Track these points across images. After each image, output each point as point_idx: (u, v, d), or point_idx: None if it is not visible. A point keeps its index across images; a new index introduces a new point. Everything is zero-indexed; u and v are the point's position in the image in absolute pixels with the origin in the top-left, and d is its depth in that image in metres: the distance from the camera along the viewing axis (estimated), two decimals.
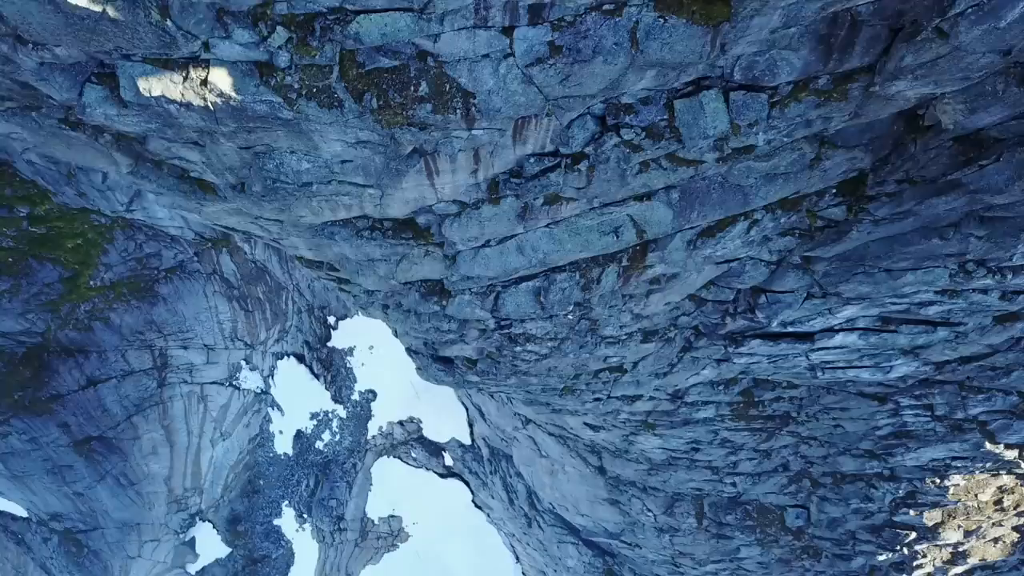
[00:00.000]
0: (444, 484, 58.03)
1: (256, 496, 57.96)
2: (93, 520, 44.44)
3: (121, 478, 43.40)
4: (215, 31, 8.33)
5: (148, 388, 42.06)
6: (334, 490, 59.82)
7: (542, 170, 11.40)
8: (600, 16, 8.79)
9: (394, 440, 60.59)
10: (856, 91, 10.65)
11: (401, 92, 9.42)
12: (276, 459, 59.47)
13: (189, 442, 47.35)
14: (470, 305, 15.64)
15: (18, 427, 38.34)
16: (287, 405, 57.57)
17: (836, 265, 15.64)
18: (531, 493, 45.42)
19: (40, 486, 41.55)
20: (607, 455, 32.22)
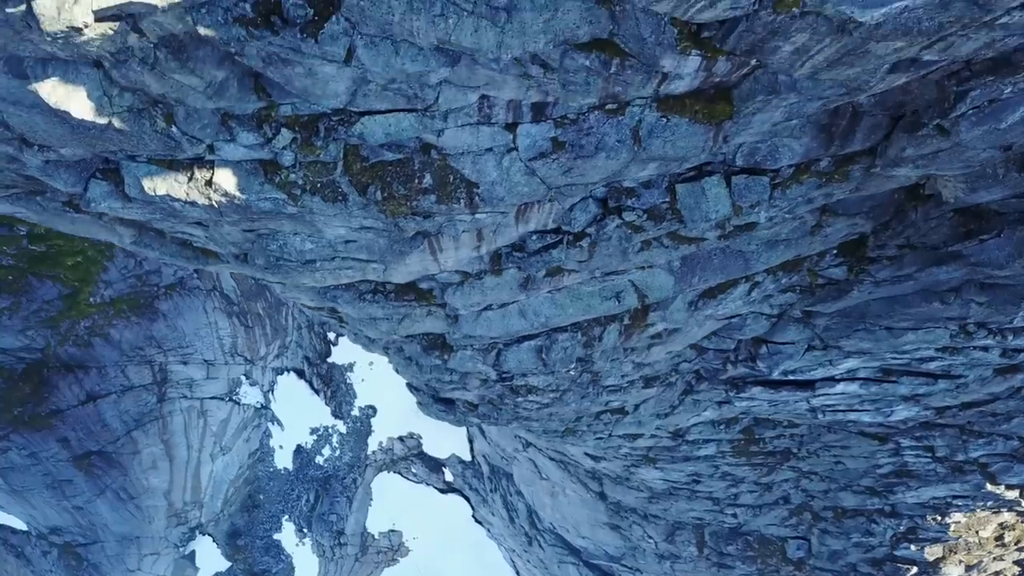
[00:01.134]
0: (444, 499, 57.94)
1: (256, 510, 57.88)
2: (93, 534, 44.36)
3: (121, 492, 43.33)
4: (220, 134, 8.37)
5: (148, 403, 42.02)
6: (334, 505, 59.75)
7: (544, 246, 11.45)
8: (603, 115, 8.84)
9: (394, 455, 60.53)
10: (857, 172, 10.71)
11: (405, 184, 9.47)
12: (276, 474, 59.40)
13: (189, 456, 47.25)
14: (472, 360, 15.67)
15: (18, 442, 38.31)
16: (287, 420, 57.47)
17: (837, 320, 15.68)
18: (532, 512, 45.35)
19: (40, 500, 41.50)
20: (608, 481, 32.20)
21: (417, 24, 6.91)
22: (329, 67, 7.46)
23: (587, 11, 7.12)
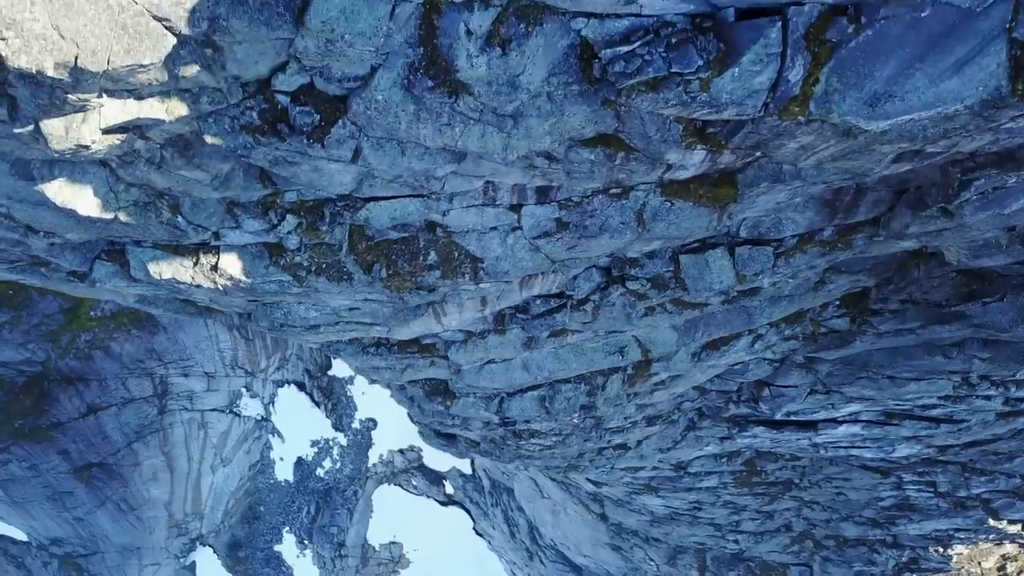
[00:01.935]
0: (445, 511, 57.80)
1: (257, 522, 57.78)
2: (93, 544, 44.27)
3: (121, 503, 43.25)
4: (225, 222, 8.38)
5: (148, 415, 41.92)
6: (335, 517, 59.63)
7: (548, 310, 11.47)
8: (607, 198, 8.85)
9: (395, 468, 60.41)
10: (860, 241, 10.72)
11: (410, 261, 9.48)
12: (277, 486, 59.29)
13: (189, 468, 47.14)
14: (475, 407, 15.67)
15: (18, 454, 38.24)
16: (288, 432, 57.34)
17: (839, 367, 15.69)
18: (533, 528, 45.24)
19: (40, 512, 41.43)
20: (609, 504, 32.15)
21: (424, 131, 6.92)
22: (335, 165, 7.48)
23: (592, 113, 7.14)
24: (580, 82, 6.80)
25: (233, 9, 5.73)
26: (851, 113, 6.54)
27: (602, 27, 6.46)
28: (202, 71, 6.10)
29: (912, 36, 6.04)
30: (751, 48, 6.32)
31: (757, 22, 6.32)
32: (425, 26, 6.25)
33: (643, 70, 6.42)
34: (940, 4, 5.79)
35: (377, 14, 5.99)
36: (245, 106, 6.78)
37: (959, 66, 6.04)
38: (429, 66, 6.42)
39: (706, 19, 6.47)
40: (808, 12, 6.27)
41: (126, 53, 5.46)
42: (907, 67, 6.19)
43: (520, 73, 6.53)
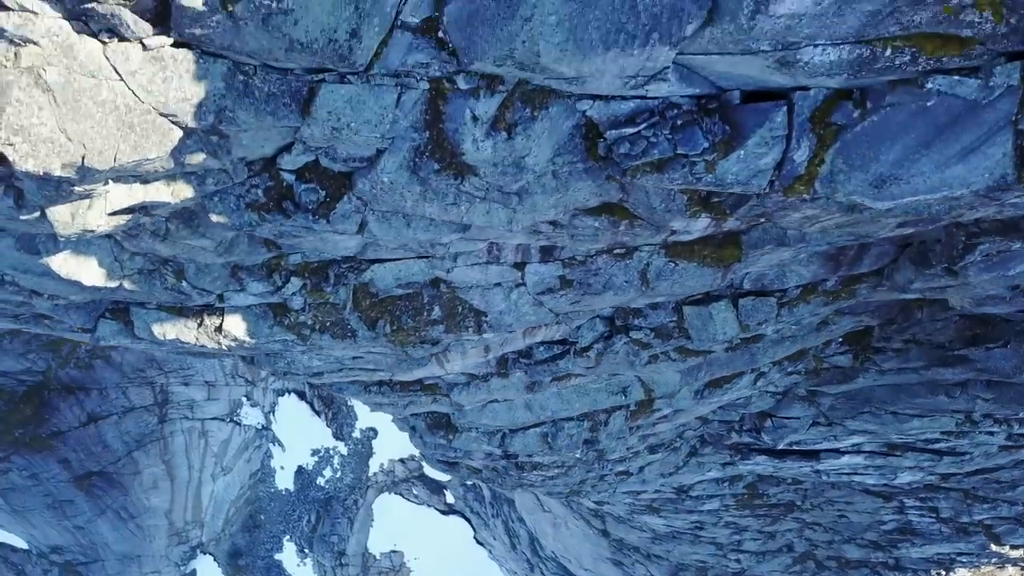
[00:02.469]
0: (446, 521, 57.73)
1: (257, 531, 57.73)
2: (94, 552, 44.22)
3: (122, 512, 43.22)
4: (230, 285, 8.38)
5: (149, 424, 41.88)
6: (335, 526, 59.58)
7: (551, 357, 11.47)
8: (611, 258, 8.86)
9: (395, 477, 60.37)
10: (864, 290, 10.73)
11: (414, 317, 9.49)
12: (277, 494, 59.23)
13: (190, 476, 47.10)
14: (477, 441, 15.67)
15: (19, 463, 38.20)
16: (288, 441, 57.28)
17: (842, 401, 15.68)
18: (534, 539, 45.18)
19: (40, 520, 41.38)
20: (611, 520, 32.12)
21: (430, 209, 6.93)
22: (340, 236, 7.49)
23: (597, 187, 7.14)
24: (585, 160, 6.81)
25: (239, 101, 5.73)
26: (856, 193, 6.55)
27: (607, 108, 6.46)
28: (208, 157, 6.10)
29: (918, 123, 6.05)
30: (756, 132, 6.33)
31: (762, 106, 6.32)
32: (431, 111, 6.26)
33: (648, 152, 6.43)
34: (946, 95, 5.79)
35: (383, 103, 6.00)
36: (250, 184, 6.78)
37: (965, 154, 6.04)
38: (435, 149, 6.42)
39: (711, 100, 6.47)
40: (813, 96, 6.27)
41: (133, 150, 5.46)
42: (913, 152, 6.19)
43: (526, 155, 6.53)
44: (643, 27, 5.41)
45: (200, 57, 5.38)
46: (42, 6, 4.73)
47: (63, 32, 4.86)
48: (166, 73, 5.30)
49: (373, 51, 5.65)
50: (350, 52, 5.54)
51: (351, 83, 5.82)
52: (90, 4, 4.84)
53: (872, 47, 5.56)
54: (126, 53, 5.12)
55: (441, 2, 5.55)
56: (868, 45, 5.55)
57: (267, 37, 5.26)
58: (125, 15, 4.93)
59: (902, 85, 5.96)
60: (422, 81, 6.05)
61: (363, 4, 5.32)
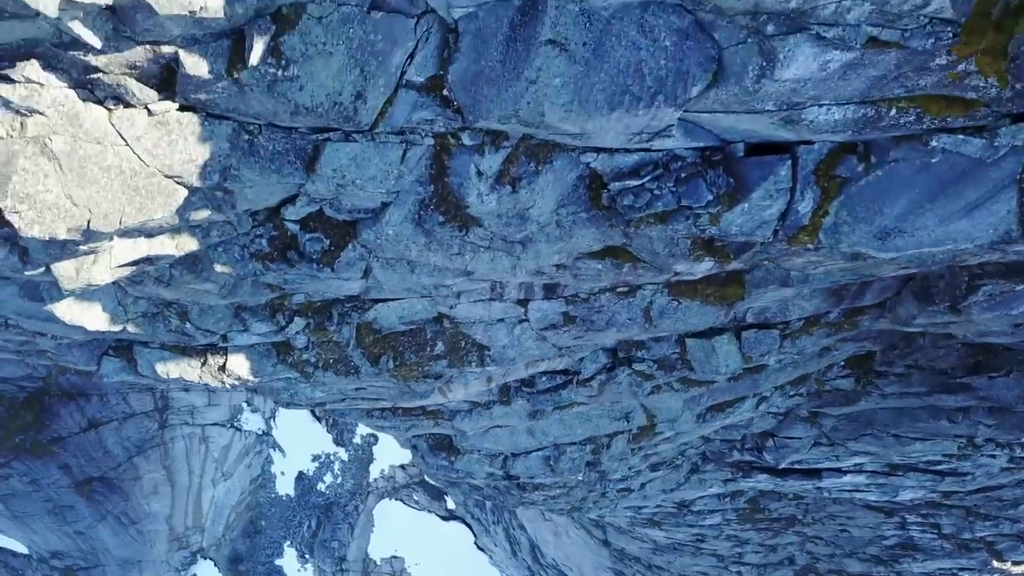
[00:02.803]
0: (446, 526, 57.69)
1: (258, 536, 57.67)
2: (94, 558, 44.16)
3: (122, 517, 43.18)
4: (233, 326, 8.38)
5: (149, 430, 41.82)
6: (336, 531, 59.53)
7: (554, 387, 11.47)
8: (614, 296, 8.86)
9: (396, 483, 60.31)
10: (866, 322, 10.73)
11: (417, 352, 9.49)
12: (278, 500, 59.18)
13: (190, 482, 47.05)
14: (479, 463, 15.66)
15: (19, 469, 38.15)
16: (289, 447, 57.22)
17: (844, 423, 15.68)
18: (534, 547, 45.14)
19: (41, 525, 41.34)
20: (612, 530, 32.10)
21: (435, 259, 6.93)
22: (344, 281, 7.49)
23: (601, 233, 7.14)
24: (589, 210, 6.81)
25: (244, 160, 5.73)
26: (860, 244, 6.55)
27: (611, 161, 6.47)
28: (212, 212, 6.11)
29: (922, 178, 6.05)
30: (761, 185, 6.33)
31: (767, 159, 6.32)
32: (436, 165, 6.26)
33: (652, 204, 6.43)
34: (950, 153, 5.79)
35: (388, 160, 6.00)
36: (254, 234, 6.78)
37: (969, 209, 6.05)
38: (440, 202, 6.43)
39: (715, 152, 6.47)
40: (818, 150, 6.27)
41: (138, 212, 5.47)
42: (917, 206, 6.19)
43: (530, 207, 6.53)
44: (648, 89, 5.41)
45: (205, 120, 5.38)
46: (48, 77, 4.73)
47: (69, 101, 4.86)
48: (171, 137, 5.31)
49: (378, 111, 5.66)
50: (355, 113, 5.54)
51: (356, 141, 5.82)
52: (95, 75, 4.84)
53: (877, 107, 5.56)
54: (131, 119, 5.12)
55: (446, 61, 5.56)
56: (873, 105, 5.55)
57: (272, 102, 5.26)
58: (130, 84, 4.93)
59: (906, 141, 5.96)
60: (427, 137, 6.05)
61: (368, 67, 5.32)
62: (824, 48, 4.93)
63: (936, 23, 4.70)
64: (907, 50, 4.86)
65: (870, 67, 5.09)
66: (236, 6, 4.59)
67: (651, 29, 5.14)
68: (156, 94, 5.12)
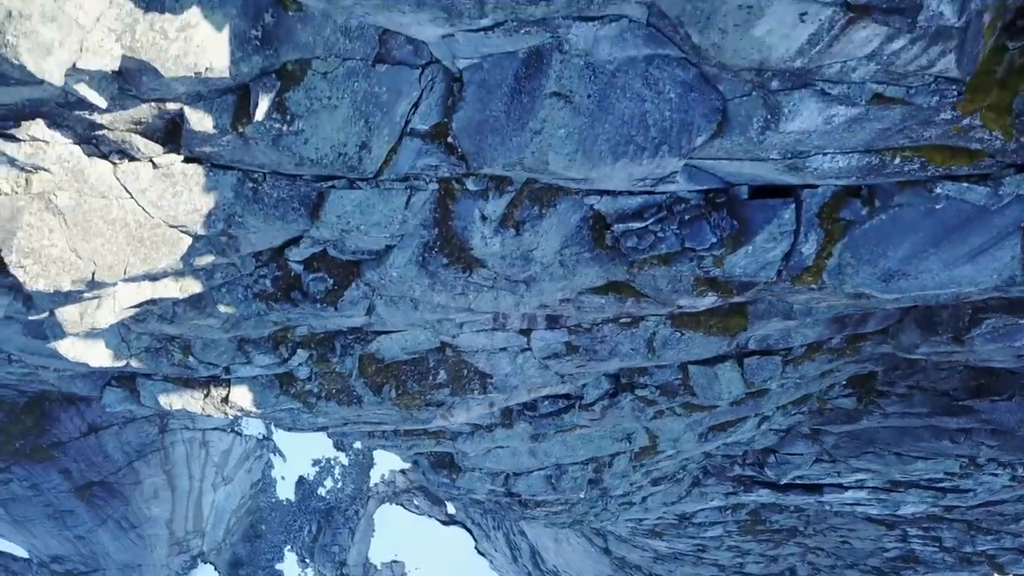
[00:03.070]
0: (447, 531, 57.67)
1: (258, 541, 57.62)
2: (94, 562, 44.11)
3: (123, 521, 43.14)
4: (236, 358, 8.38)
5: (150, 434, 41.77)
6: (336, 536, 59.47)
7: (556, 411, 11.47)
8: (617, 327, 8.86)
9: (396, 488, 60.29)
10: (868, 348, 10.73)
11: (420, 381, 9.49)
12: (278, 504, 59.15)
13: (191, 486, 46.99)
14: (480, 481, 15.66)
15: (19, 474, 38.08)
16: (289, 451, 57.21)
17: (845, 440, 15.67)
18: (535, 552, 45.10)
19: (41, 530, 41.29)
20: (613, 539, 32.08)
21: (438, 298, 6.93)
22: (347, 317, 7.49)
23: (604, 271, 7.14)
24: (592, 249, 6.81)
25: (248, 207, 5.73)
26: (864, 285, 6.55)
27: (615, 203, 6.47)
28: (217, 257, 6.11)
29: (927, 223, 6.05)
30: (765, 228, 6.33)
31: (770, 203, 6.33)
32: (440, 209, 6.26)
33: (656, 246, 6.43)
34: (955, 199, 5.79)
35: (393, 205, 6.00)
36: (258, 274, 6.79)
37: (973, 255, 6.05)
38: (444, 245, 6.43)
39: (719, 194, 6.47)
40: (822, 193, 6.28)
41: (143, 262, 5.47)
42: (921, 250, 6.19)
43: (534, 248, 6.53)
44: (652, 140, 5.41)
45: (210, 170, 5.38)
46: (53, 135, 4.73)
47: (74, 157, 4.86)
48: (176, 188, 5.31)
49: (383, 159, 5.66)
50: (360, 162, 5.54)
51: (360, 188, 5.82)
52: (100, 131, 4.84)
53: (881, 156, 5.56)
54: (136, 172, 5.12)
55: (450, 110, 5.56)
56: (877, 154, 5.55)
57: (277, 154, 5.27)
58: (135, 140, 4.94)
59: (910, 186, 5.97)
60: (431, 182, 6.05)
61: (373, 118, 5.32)
62: (829, 103, 4.93)
63: (941, 81, 4.70)
64: (912, 106, 4.86)
65: (875, 121, 5.09)
66: (242, 66, 4.59)
67: (655, 82, 5.13)
68: (161, 147, 5.12)
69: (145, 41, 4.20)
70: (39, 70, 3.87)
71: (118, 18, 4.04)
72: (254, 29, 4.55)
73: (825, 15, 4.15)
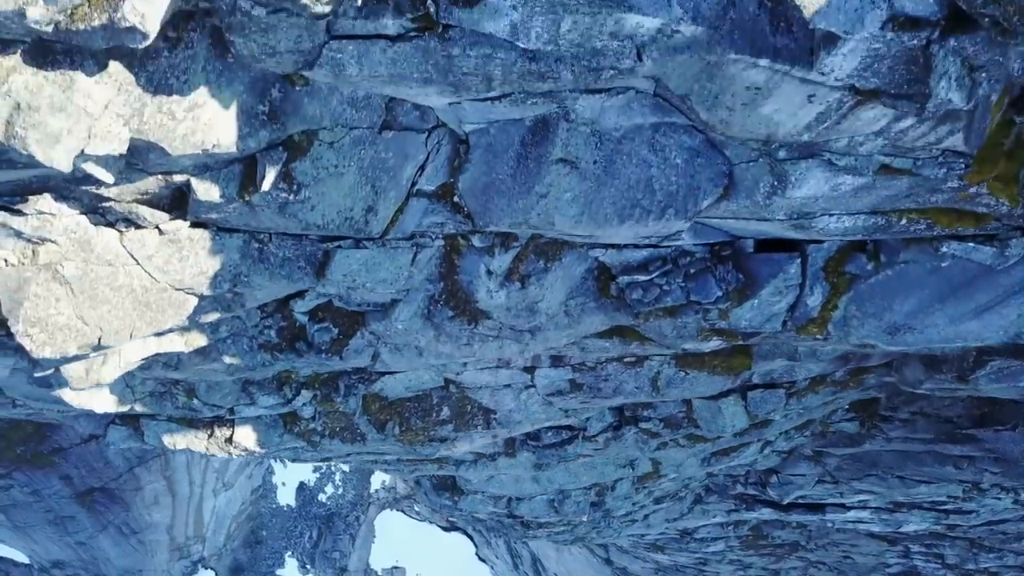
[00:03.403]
0: (447, 537, 57.66)
1: (259, 546, 57.57)
2: (95, 567, 44.09)
3: (123, 527, 43.09)
4: (240, 400, 8.38)
5: None
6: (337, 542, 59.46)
7: (559, 441, 11.47)
8: (621, 365, 8.86)
9: (397, 494, 60.27)
10: (872, 379, 10.72)
11: (423, 418, 9.49)
12: (279, 510, 59.13)
13: (191, 492, 46.94)
14: (483, 503, 15.66)
15: (20, 480, 38.05)
16: None
17: (848, 462, 15.66)
18: (536, 560, 45.08)
19: (42, 536, 41.25)
20: (614, 549, 32.05)
21: (444, 349, 6.93)
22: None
23: (609, 318, 7.15)
24: (597, 299, 6.82)
25: (254, 267, 5.73)
26: (870, 337, 6.55)
27: (620, 255, 6.47)
28: (222, 313, 6.11)
29: (932, 280, 6.05)
30: (771, 282, 6.33)
31: (776, 257, 6.33)
32: (446, 264, 6.26)
33: (661, 299, 6.43)
34: (961, 259, 5.79)
35: (399, 263, 6.00)
36: (263, 325, 6.79)
37: (980, 312, 6.04)
38: (449, 298, 6.43)
39: (725, 247, 6.47)
40: (827, 248, 6.28)
41: (149, 325, 5.47)
42: (927, 306, 6.19)
43: (539, 300, 6.54)
44: (658, 203, 5.42)
45: (216, 234, 5.39)
46: (60, 207, 4.74)
47: (80, 228, 4.86)
48: (182, 253, 5.31)
49: (389, 220, 5.66)
50: (366, 225, 5.54)
51: (367, 247, 5.83)
52: (107, 203, 4.84)
53: (887, 217, 5.56)
54: (143, 239, 5.12)
55: (456, 170, 5.56)
56: (884, 215, 5.55)
57: (284, 220, 5.27)
58: (142, 210, 4.94)
59: (916, 243, 5.97)
60: (437, 239, 6.06)
61: (379, 182, 5.32)
62: (836, 173, 4.93)
63: (949, 155, 4.70)
64: (919, 177, 4.87)
65: (882, 189, 5.09)
66: (249, 140, 4.59)
67: (662, 148, 5.14)
68: (167, 215, 5.13)
69: (153, 123, 4.20)
70: (47, 159, 3.87)
71: (126, 103, 4.04)
72: (261, 104, 4.55)
73: (833, 97, 4.15)
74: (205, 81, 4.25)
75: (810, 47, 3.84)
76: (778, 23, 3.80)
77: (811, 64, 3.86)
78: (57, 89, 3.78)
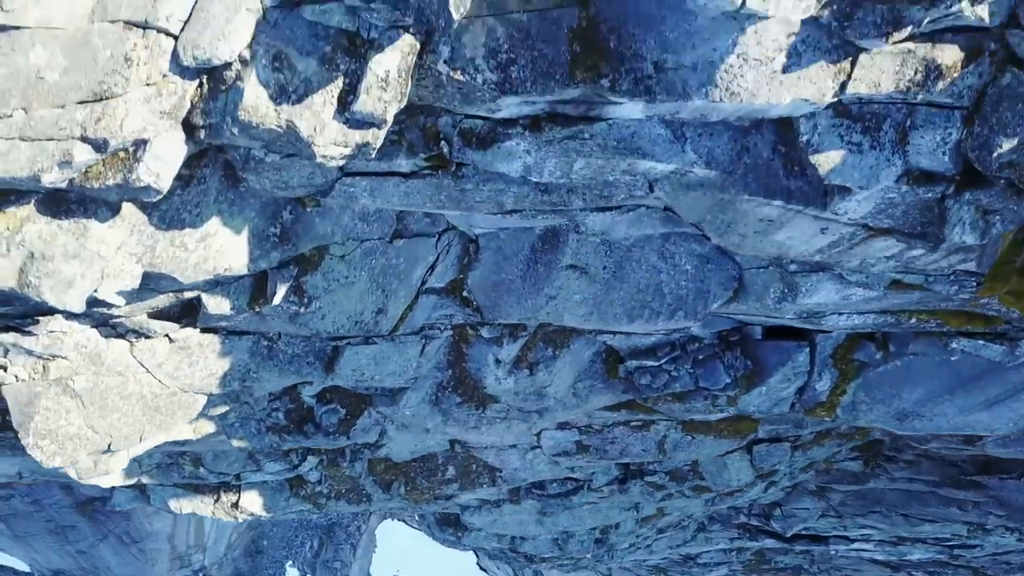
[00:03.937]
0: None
1: (260, 556, 57.39)
2: None
3: (124, 536, 42.91)
4: (247, 467, 8.37)
5: None
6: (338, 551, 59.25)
7: (565, 492, 11.45)
8: (628, 429, 8.84)
9: None
10: (878, 433, 10.70)
11: (429, 478, 9.48)
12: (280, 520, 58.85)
13: None
14: (487, 540, 15.63)
15: (21, 490, 37.88)
16: None
17: (852, 498, 15.64)
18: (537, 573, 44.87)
19: (43, 545, 41.07)
20: (617, 569, 31.93)
21: (451, 430, 6.93)
22: None
23: (616, 396, 7.14)
24: (606, 381, 6.81)
25: (263, 364, 5.73)
26: (879, 422, 6.55)
27: (628, 340, 6.46)
28: (231, 405, 6.10)
29: (942, 372, 6.05)
30: (779, 370, 6.32)
31: (784, 345, 6.32)
32: (454, 352, 6.26)
33: (670, 385, 6.43)
34: (970, 354, 5.79)
35: (407, 356, 6.00)
36: (271, 408, 6.78)
37: (989, 404, 6.04)
38: (457, 384, 6.43)
39: (733, 333, 6.47)
40: (836, 336, 6.27)
41: (158, 428, 5.47)
42: (936, 395, 6.19)
43: (547, 386, 6.54)
44: (668, 306, 5.42)
45: (225, 337, 5.38)
46: (71, 325, 4.73)
47: (91, 342, 4.86)
48: (192, 358, 5.30)
49: (399, 318, 5.66)
50: (376, 325, 5.55)
51: (376, 343, 5.82)
52: (118, 319, 4.84)
53: (897, 316, 5.56)
54: (152, 349, 5.11)
55: (466, 267, 5.56)
56: (894, 315, 5.55)
57: (294, 327, 5.27)
58: (152, 324, 4.94)
59: (925, 336, 5.96)
60: (446, 330, 6.05)
61: (389, 286, 5.32)
62: (847, 285, 4.93)
63: (960, 273, 4.71)
64: (930, 291, 4.87)
65: (893, 299, 5.09)
66: (260, 262, 4.60)
67: (671, 255, 5.14)
68: (176, 324, 5.12)
69: (166, 256, 4.20)
70: (60, 303, 3.88)
71: (139, 242, 4.04)
72: (273, 227, 4.55)
73: (846, 231, 4.15)
74: (217, 212, 4.25)
75: (824, 189, 3.84)
76: (792, 167, 3.80)
77: (825, 205, 3.86)
78: (71, 237, 3.78)
